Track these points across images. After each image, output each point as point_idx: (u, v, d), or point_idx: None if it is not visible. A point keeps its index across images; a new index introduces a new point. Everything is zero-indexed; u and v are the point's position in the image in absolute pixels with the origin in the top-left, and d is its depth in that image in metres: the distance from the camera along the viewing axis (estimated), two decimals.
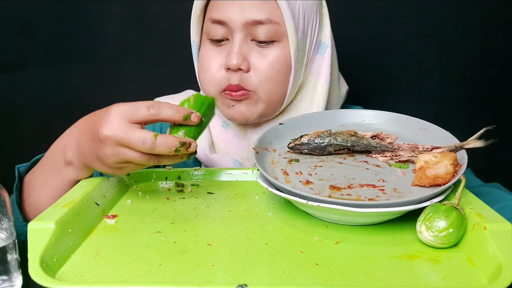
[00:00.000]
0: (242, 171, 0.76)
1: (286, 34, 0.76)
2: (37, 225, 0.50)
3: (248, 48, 0.76)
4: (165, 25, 1.25)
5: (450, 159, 0.58)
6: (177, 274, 0.48)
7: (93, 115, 0.64)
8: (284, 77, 0.77)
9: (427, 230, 0.52)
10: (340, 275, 0.47)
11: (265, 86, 0.76)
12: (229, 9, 0.75)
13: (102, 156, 0.59)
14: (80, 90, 1.29)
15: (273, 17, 0.74)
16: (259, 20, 0.74)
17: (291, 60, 0.77)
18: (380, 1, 1.24)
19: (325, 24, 0.83)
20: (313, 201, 0.55)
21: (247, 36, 0.76)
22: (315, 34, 0.81)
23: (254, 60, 0.76)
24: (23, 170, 0.76)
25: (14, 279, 0.53)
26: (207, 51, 0.79)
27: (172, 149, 0.56)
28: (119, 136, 0.56)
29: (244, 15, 0.74)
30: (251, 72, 0.76)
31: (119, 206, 0.66)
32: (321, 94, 0.82)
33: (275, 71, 0.76)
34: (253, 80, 0.76)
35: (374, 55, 1.29)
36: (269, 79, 0.76)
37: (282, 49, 0.76)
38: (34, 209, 0.72)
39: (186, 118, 0.58)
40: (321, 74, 0.82)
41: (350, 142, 0.69)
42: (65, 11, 1.26)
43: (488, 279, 0.46)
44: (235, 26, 0.75)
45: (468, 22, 1.25)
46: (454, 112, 1.31)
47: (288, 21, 0.74)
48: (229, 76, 0.76)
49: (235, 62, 0.74)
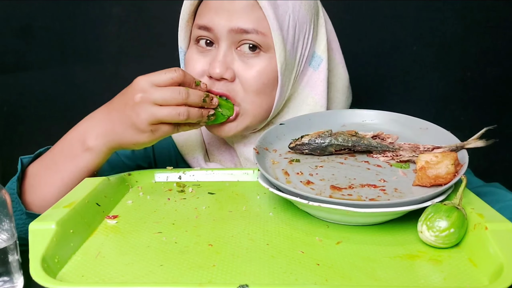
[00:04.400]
0: (243, 171, 0.76)
1: (273, 45, 0.73)
2: (38, 226, 0.50)
3: (233, 56, 0.74)
4: (165, 26, 1.25)
5: (451, 159, 0.58)
6: (178, 274, 0.48)
7: (115, 98, 0.71)
8: (270, 89, 0.75)
9: (428, 230, 0.52)
10: (341, 275, 0.47)
11: (251, 98, 0.74)
12: (215, 16, 0.73)
13: (135, 120, 0.66)
14: (80, 91, 1.29)
15: (260, 28, 0.72)
16: (245, 29, 0.72)
17: (278, 73, 0.74)
18: (380, 1, 1.24)
19: (321, 36, 0.80)
20: (314, 201, 0.55)
21: (233, 45, 0.73)
22: (307, 46, 0.78)
23: (239, 69, 0.73)
24: (26, 161, 0.75)
25: (16, 280, 0.53)
26: (192, 55, 0.77)
27: (201, 98, 0.68)
28: (154, 93, 0.65)
29: (230, 22, 0.72)
30: (236, 81, 0.74)
31: (120, 207, 0.66)
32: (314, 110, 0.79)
33: (261, 82, 0.73)
34: (238, 91, 0.74)
35: (374, 55, 1.29)
36: (254, 91, 0.73)
37: (269, 60, 0.73)
38: (39, 199, 0.71)
39: (197, 83, 0.70)
40: (316, 90, 0.79)
41: (351, 142, 0.69)
42: (65, 12, 1.26)
43: (489, 279, 0.46)
44: (221, 33, 0.73)
45: (468, 22, 1.25)
46: (455, 112, 1.31)
47: (275, 33, 0.72)
48: (212, 84, 0.74)
49: (218, 71, 0.72)
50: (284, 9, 0.73)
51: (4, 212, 0.53)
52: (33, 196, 0.72)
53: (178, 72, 0.66)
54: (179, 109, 0.65)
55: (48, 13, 1.26)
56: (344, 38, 1.26)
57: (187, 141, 0.84)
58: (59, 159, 0.71)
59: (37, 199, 0.72)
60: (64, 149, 0.72)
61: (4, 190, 0.54)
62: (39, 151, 0.76)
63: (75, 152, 0.70)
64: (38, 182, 0.72)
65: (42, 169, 0.73)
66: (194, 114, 0.67)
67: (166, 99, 0.65)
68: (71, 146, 0.71)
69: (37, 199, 0.72)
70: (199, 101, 0.68)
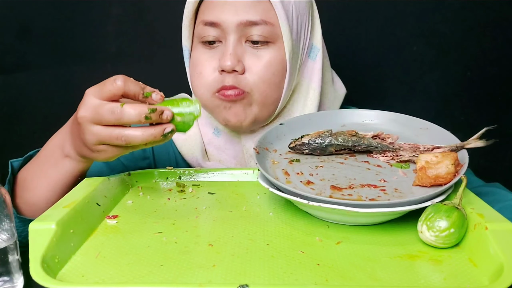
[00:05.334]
0: (243, 171, 0.76)
1: (281, 35, 0.74)
2: (38, 226, 0.50)
3: (242, 49, 0.75)
4: (165, 26, 1.25)
5: (451, 159, 0.58)
6: (178, 274, 0.48)
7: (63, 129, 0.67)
8: (279, 79, 0.76)
9: (428, 230, 0.52)
10: (341, 275, 0.47)
11: (261, 88, 0.75)
12: (222, 11, 0.73)
13: (83, 139, 0.59)
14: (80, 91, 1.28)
15: (267, 18, 0.73)
16: (253, 21, 0.73)
17: (287, 62, 0.76)
18: (380, 1, 1.24)
19: (316, 27, 0.82)
20: (314, 201, 0.55)
21: (241, 38, 0.75)
22: (307, 37, 0.80)
23: (249, 61, 0.75)
24: (17, 165, 0.75)
25: (16, 280, 0.53)
26: (199, 55, 0.77)
27: (141, 116, 0.54)
28: (91, 113, 0.56)
29: (237, 16, 0.73)
30: (246, 74, 0.75)
31: (120, 207, 0.66)
32: (313, 98, 0.81)
33: (270, 73, 0.75)
34: (248, 81, 0.75)
35: (374, 55, 1.29)
36: (264, 81, 0.75)
37: (277, 50, 0.75)
38: (28, 203, 0.71)
39: (147, 95, 0.57)
40: (313, 79, 0.81)
41: (351, 142, 0.69)
42: (65, 12, 1.26)
43: (490, 279, 0.46)
44: (229, 28, 0.73)
45: (468, 22, 1.25)
46: (455, 112, 1.31)
47: (283, 22, 0.74)
48: (223, 78, 0.74)
49: (229, 64, 0.73)
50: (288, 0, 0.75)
51: (4, 212, 0.53)
52: (22, 200, 0.72)
53: (116, 83, 0.56)
54: (115, 132, 0.56)
55: (48, 13, 1.26)
56: (344, 38, 1.27)
57: (186, 140, 0.84)
58: (44, 164, 0.71)
59: (25, 203, 0.72)
60: (47, 155, 0.71)
61: (4, 189, 0.54)
62: (29, 154, 0.76)
63: (56, 158, 0.68)
64: (26, 187, 0.72)
65: (29, 174, 0.73)
66: (135, 138, 0.55)
67: (99, 119, 0.56)
68: (53, 152, 0.69)
69: (25, 203, 0.72)
70: (137, 119, 0.55)
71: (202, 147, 0.85)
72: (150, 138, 0.56)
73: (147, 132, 0.56)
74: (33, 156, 0.75)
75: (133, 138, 0.56)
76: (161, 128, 0.56)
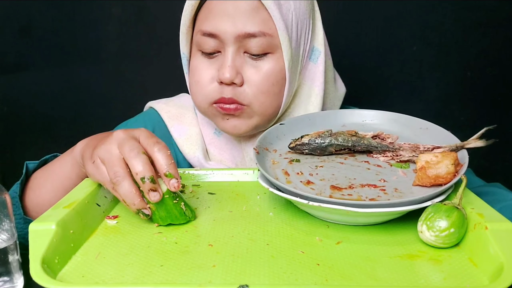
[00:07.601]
0: (243, 171, 0.76)
1: (279, 45, 0.73)
2: (38, 226, 0.50)
3: (241, 61, 0.74)
4: (165, 26, 1.25)
5: (451, 158, 0.58)
6: (178, 274, 0.48)
7: (99, 135, 0.67)
8: (278, 89, 0.76)
9: (428, 230, 0.52)
10: (341, 275, 0.47)
11: (260, 99, 0.75)
12: (220, 22, 0.72)
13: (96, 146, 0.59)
14: (80, 91, 1.29)
15: (266, 30, 0.72)
16: (252, 33, 0.71)
17: (286, 71, 0.75)
18: (380, 1, 1.24)
19: (318, 29, 0.81)
20: (314, 201, 0.55)
21: (240, 49, 0.73)
22: (308, 41, 0.79)
23: (248, 73, 0.74)
24: (31, 167, 0.76)
25: (16, 280, 0.53)
26: (198, 63, 0.77)
27: (126, 201, 0.56)
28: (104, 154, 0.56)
29: (236, 28, 0.71)
30: (244, 86, 0.74)
31: (120, 207, 0.66)
32: (316, 103, 0.80)
33: (270, 83, 0.74)
34: (247, 94, 0.74)
35: (374, 55, 1.29)
36: (263, 92, 0.74)
37: (276, 60, 0.74)
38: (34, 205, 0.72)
39: (169, 176, 0.55)
40: (316, 82, 0.80)
41: (351, 142, 0.69)
42: (65, 12, 1.26)
43: (490, 279, 0.46)
44: (227, 39, 0.72)
45: (468, 22, 1.25)
46: (455, 112, 1.32)
47: (282, 33, 0.72)
48: (222, 89, 0.74)
49: (228, 76, 0.72)
50: (287, 7, 0.73)
51: (4, 212, 0.53)
52: (29, 201, 0.73)
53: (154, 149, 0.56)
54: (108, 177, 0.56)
55: (48, 13, 1.26)
56: (344, 38, 1.27)
57: (188, 140, 0.84)
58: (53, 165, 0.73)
59: (32, 204, 0.73)
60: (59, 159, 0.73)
61: (5, 190, 0.54)
62: (44, 158, 0.77)
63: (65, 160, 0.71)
64: (34, 188, 0.73)
65: (40, 177, 0.74)
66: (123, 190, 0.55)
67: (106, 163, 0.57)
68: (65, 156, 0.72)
69: (32, 204, 0.73)
70: (122, 200, 0.56)
71: (203, 147, 0.85)
72: (128, 201, 0.56)
73: (135, 196, 0.55)
74: (49, 160, 0.76)
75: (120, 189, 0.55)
76: (144, 203, 0.56)
